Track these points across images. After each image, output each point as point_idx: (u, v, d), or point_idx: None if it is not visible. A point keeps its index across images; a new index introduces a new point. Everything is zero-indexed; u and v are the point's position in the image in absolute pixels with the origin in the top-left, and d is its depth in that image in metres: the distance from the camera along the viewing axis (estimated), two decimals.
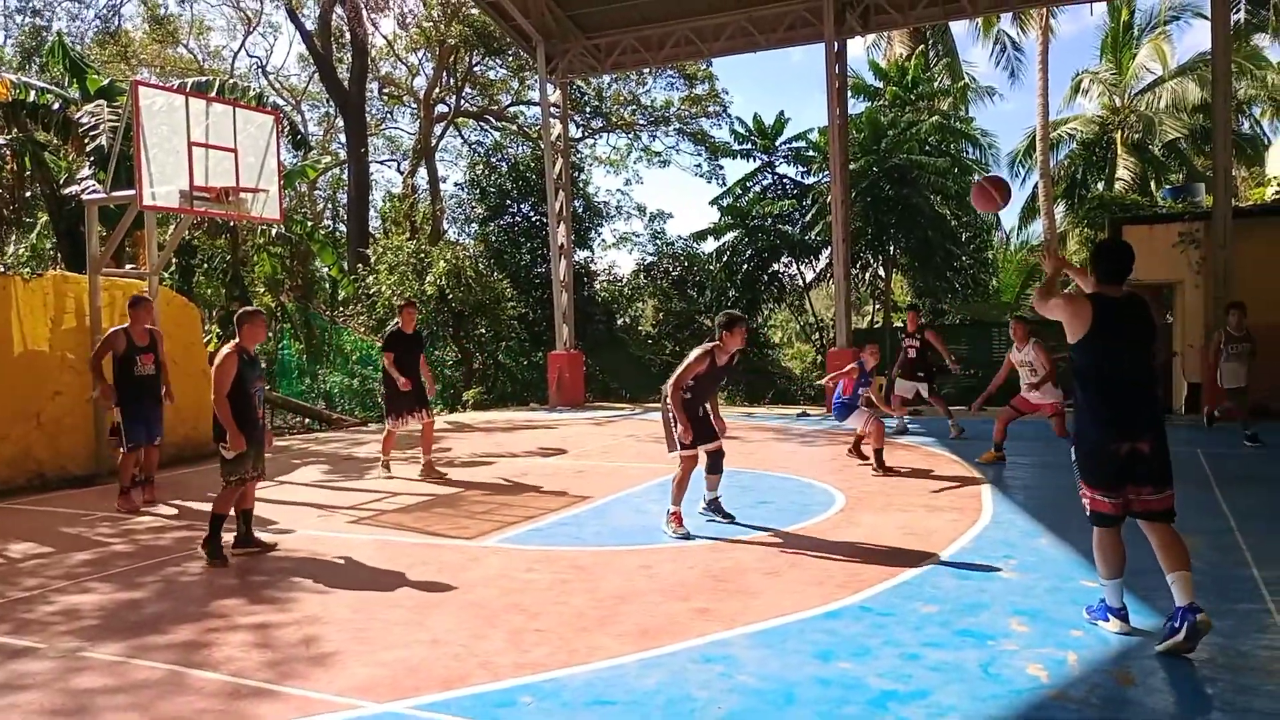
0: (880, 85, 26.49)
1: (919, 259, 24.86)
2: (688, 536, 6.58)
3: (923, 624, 4.63)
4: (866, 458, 9.69)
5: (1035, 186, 27.96)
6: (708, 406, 6.95)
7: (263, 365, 6.54)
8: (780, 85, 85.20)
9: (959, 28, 30.52)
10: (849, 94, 25.31)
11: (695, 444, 6.75)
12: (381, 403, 9.80)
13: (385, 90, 34.07)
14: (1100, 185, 27.30)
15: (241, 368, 6.23)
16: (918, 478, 8.94)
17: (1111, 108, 28.19)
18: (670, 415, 6.71)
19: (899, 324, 27.62)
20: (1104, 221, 19.46)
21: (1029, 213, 29.88)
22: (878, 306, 28.69)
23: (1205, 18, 23.89)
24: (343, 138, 30.23)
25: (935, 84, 27.02)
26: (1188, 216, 15.63)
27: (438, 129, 32.44)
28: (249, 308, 6.77)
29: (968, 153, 27.22)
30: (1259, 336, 11.28)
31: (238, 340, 6.32)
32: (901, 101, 25.24)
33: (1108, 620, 4.48)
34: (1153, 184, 26.26)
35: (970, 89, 29.72)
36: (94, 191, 11.76)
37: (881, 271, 26.73)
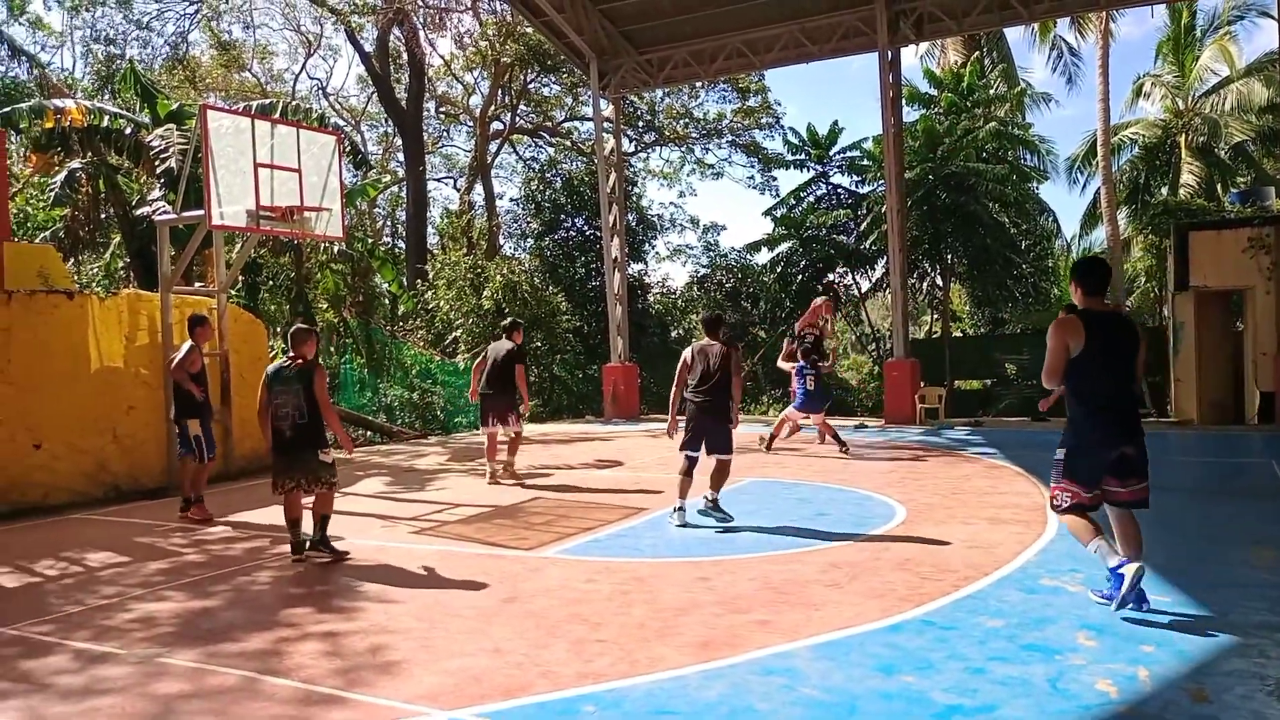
0: (935, 93, 26.22)
1: (978, 268, 24.51)
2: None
3: (987, 638, 4.57)
4: (844, 442, 11.51)
5: (1097, 193, 27.38)
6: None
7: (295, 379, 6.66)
8: (835, 95, 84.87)
9: (1014, 35, 30.09)
10: (909, 103, 25.19)
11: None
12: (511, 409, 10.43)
13: (442, 109, 34.65)
14: (1164, 190, 26.65)
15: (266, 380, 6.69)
16: (980, 490, 8.81)
17: (1175, 111, 27.52)
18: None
19: (958, 334, 27.27)
20: (1169, 228, 19.00)
21: (1091, 219, 29.28)
22: (936, 316, 28.32)
23: (1271, 17, 23.29)
24: (401, 156, 30.81)
25: (991, 91, 26.67)
26: (1257, 221, 15.22)
27: (493, 146, 32.89)
28: (302, 325, 7.26)
29: (1025, 159, 26.79)
30: None
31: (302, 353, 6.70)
32: (957, 109, 24.96)
33: (1122, 584, 4.68)
34: (1219, 188, 25.56)
35: (1027, 94, 29.26)
36: (165, 212, 12.15)
37: (939, 281, 26.39)
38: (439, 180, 37.78)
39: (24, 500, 9.32)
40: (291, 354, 6.69)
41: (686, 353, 7.59)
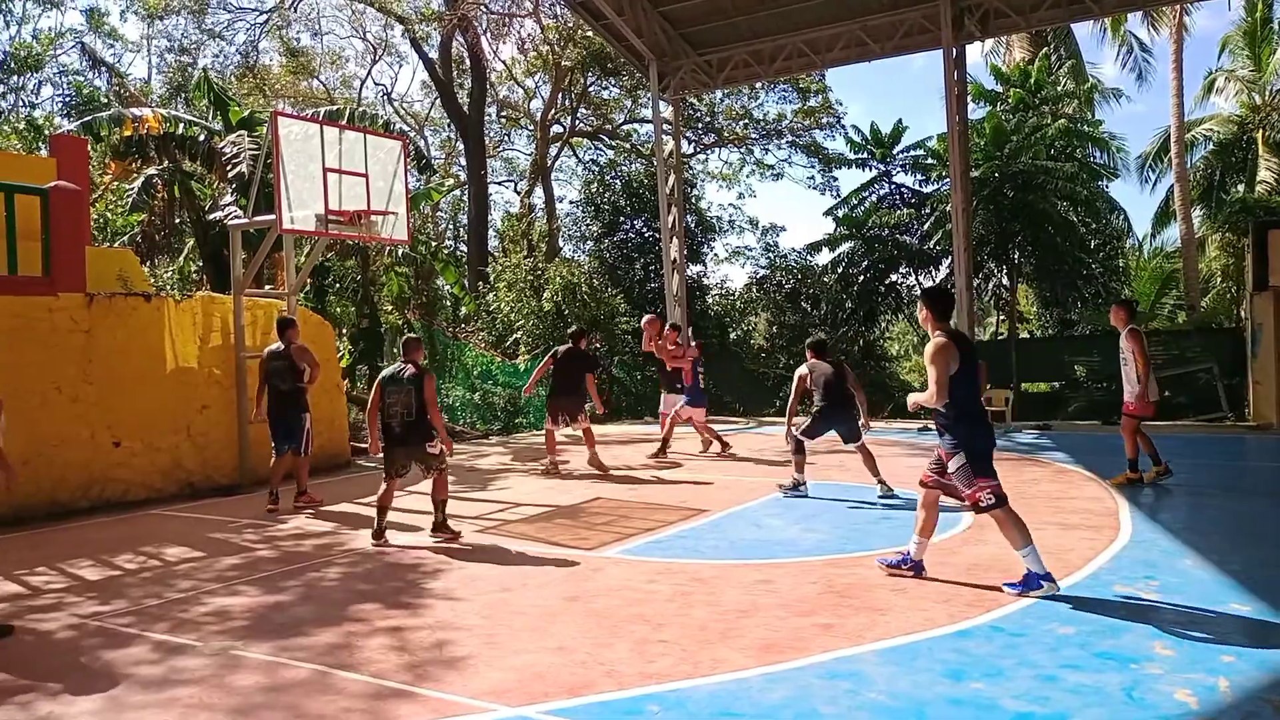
0: (1000, 90, 25.73)
1: (1046, 268, 23.97)
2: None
3: (1059, 645, 4.47)
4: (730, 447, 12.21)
5: (1169, 191, 26.58)
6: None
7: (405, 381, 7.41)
8: (898, 92, 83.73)
9: (1081, 31, 29.36)
10: (975, 100, 24.75)
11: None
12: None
13: (503, 113, 35.04)
14: (1240, 188, 25.75)
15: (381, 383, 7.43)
16: (1049, 495, 8.61)
17: (1251, 106, 26.57)
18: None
19: (1025, 335, 26.71)
20: (1246, 226, 18.38)
21: (1163, 218, 28.42)
22: (1002, 318, 27.77)
23: None
24: (463, 160, 31.21)
25: (1059, 87, 26.07)
26: None
27: (553, 149, 33.15)
28: (411, 335, 8.08)
29: (1095, 157, 26.13)
30: None
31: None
32: (1025, 105, 24.45)
33: (1041, 587, 5.23)
34: None
35: (1096, 90, 28.54)
36: (236, 217, 12.47)
37: (1006, 281, 25.88)
38: (500, 184, 38.23)
39: (105, 496, 9.65)
40: (404, 360, 7.49)
41: (803, 370, 9.02)
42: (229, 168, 15.43)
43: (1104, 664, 4.20)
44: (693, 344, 12.81)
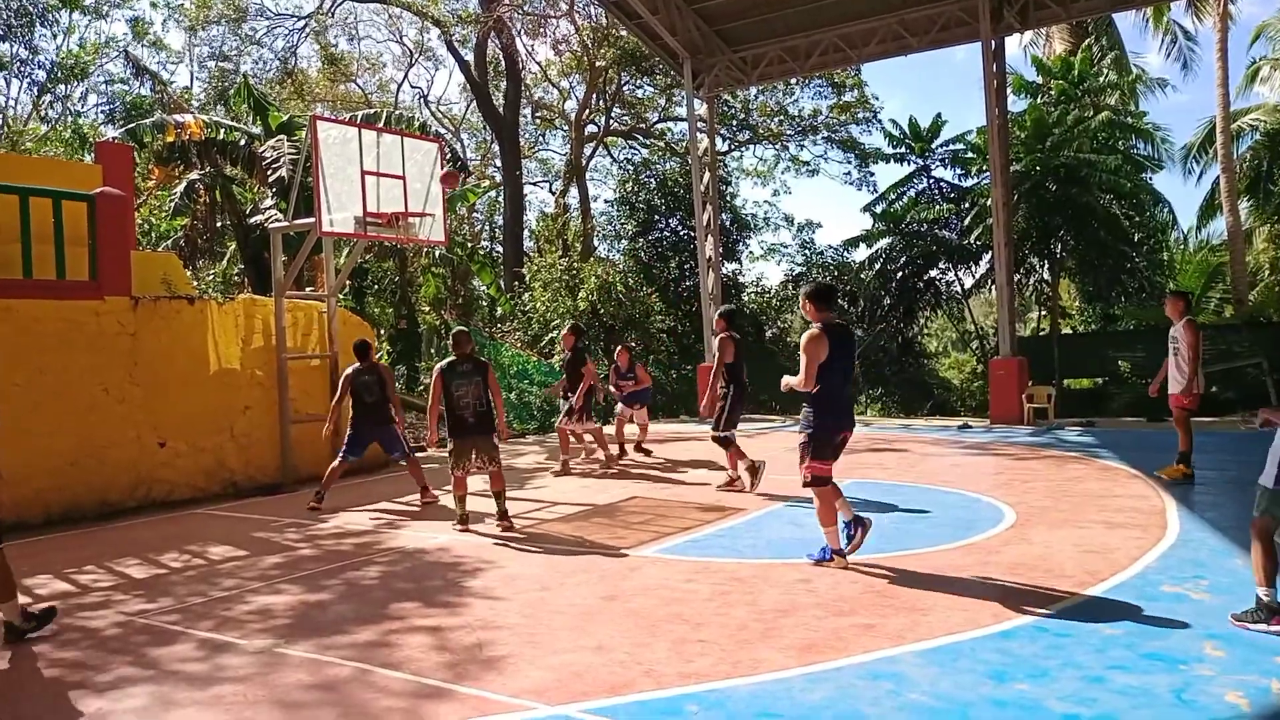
0: (1041, 82, 25.32)
1: (1089, 262, 23.55)
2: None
3: (1106, 646, 4.38)
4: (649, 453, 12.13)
5: (1215, 183, 25.97)
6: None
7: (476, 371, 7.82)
8: (937, 85, 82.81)
9: (1124, 22, 28.81)
10: (1017, 93, 24.41)
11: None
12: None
13: (538, 114, 35.17)
14: None
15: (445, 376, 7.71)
16: (1094, 493, 8.46)
17: None
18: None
19: (1067, 331, 26.28)
20: None
21: (1208, 210, 27.77)
22: (1043, 313, 27.35)
23: None
24: (498, 162, 31.38)
25: (1102, 79, 25.59)
26: None
27: (588, 149, 33.20)
28: (461, 328, 8.38)
29: (1139, 149, 25.62)
30: None
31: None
32: (1067, 97, 24.04)
33: (831, 560, 6.04)
34: None
35: (1140, 81, 27.98)
36: (277, 220, 12.64)
37: (1047, 276, 25.47)
38: (535, 184, 38.37)
39: (150, 496, 9.83)
40: (457, 351, 7.78)
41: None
42: (269, 172, 15.67)
43: (1152, 665, 4.12)
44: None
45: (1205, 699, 3.73)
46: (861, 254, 27.69)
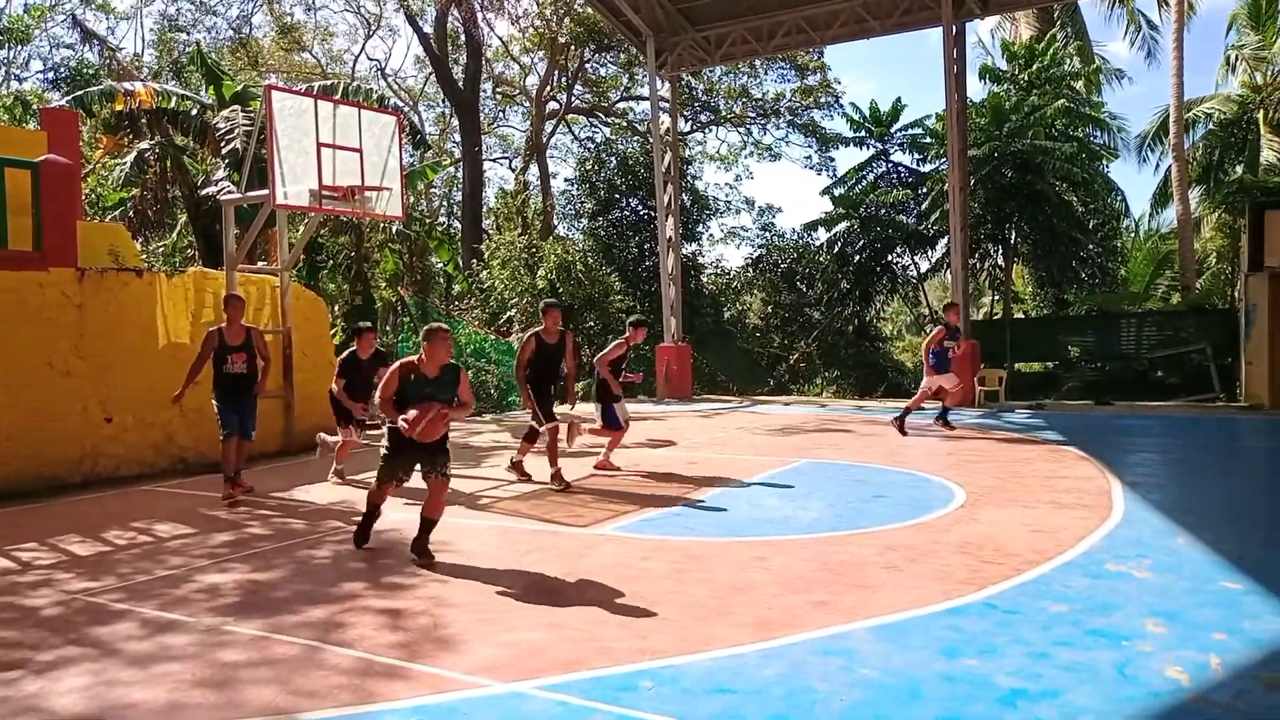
0: (1007, 68, 25.60)
1: (1042, 248, 23.93)
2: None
3: (1052, 623, 4.47)
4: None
5: (1168, 171, 26.46)
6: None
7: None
8: (911, 71, 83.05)
9: (1090, 13, 29.24)
10: (981, 78, 24.63)
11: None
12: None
13: (499, 90, 34.78)
14: (1239, 169, 25.64)
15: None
16: (1042, 474, 8.62)
17: (1253, 86, 26.41)
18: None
19: (1020, 315, 26.70)
20: (1244, 206, 18.32)
21: (1161, 198, 28.31)
22: (997, 297, 27.75)
23: None
24: (457, 137, 31.00)
25: (1066, 66, 25.90)
26: None
27: (549, 126, 32.93)
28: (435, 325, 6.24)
29: (1095, 137, 26.02)
30: None
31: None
32: (1028, 85, 24.32)
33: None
34: None
35: (1101, 71, 28.37)
36: (229, 192, 12.39)
37: (1001, 261, 25.83)
38: (495, 161, 38.03)
39: (96, 471, 9.62)
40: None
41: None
42: (222, 143, 15.33)
43: (1096, 641, 4.20)
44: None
45: (1146, 674, 3.82)
46: (821, 237, 27.86)
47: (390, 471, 6.03)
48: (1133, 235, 29.75)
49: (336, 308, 18.50)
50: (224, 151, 15.35)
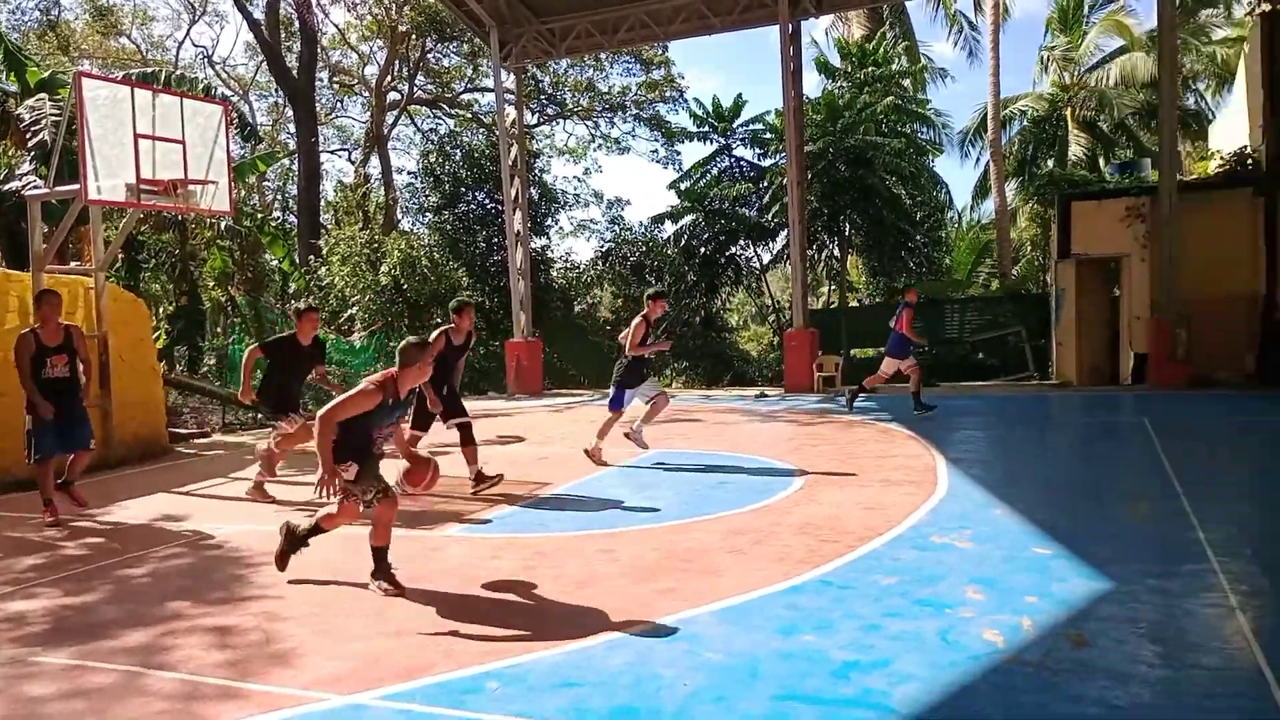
0: (841, 66, 26.64)
1: (874, 239, 25.08)
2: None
3: (882, 595, 4.69)
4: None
5: (987, 165, 28.28)
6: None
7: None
8: (757, 67, 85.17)
9: (917, 15, 30.86)
10: (820, 75, 25.52)
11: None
12: None
13: (336, 79, 33.56)
14: (1050, 162, 27.67)
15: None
16: (874, 454, 9.04)
17: (1062, 85, 28.50)
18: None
19: (855, 304, 27.92)
20: (1053, 197, 19.77)
21: (981, 191, 30.23)
22: (833, 287, 28.92)
23: None
24: (292, 128, 29.74)
25: (894, 65, 27.19)
26: (1134, 191, 15.95)
27: (390, 117, 32.04)
28: (414, 338, 5.40)
29: (922, 133, 27.46)
30: (1202, 310, 11.48)
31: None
32: (860, 83, 25.39)
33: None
34: (1102, 161, 26.67)
35: (927, 70, 29.97)
36: (36, 187, 11.46)
37: (837, 252, 26.92)
38: (333, 153, 36.70)
39: None
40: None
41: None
42: (28, 134, 14.14)
43: (922, 610, 4.44)
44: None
45: (966, 639, 4.06)
46: (668, 230, 28.26)
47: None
48: (956, 226, 31.61)
49: (161, 309, 17.42)
50: (31, 144, 14.17)
